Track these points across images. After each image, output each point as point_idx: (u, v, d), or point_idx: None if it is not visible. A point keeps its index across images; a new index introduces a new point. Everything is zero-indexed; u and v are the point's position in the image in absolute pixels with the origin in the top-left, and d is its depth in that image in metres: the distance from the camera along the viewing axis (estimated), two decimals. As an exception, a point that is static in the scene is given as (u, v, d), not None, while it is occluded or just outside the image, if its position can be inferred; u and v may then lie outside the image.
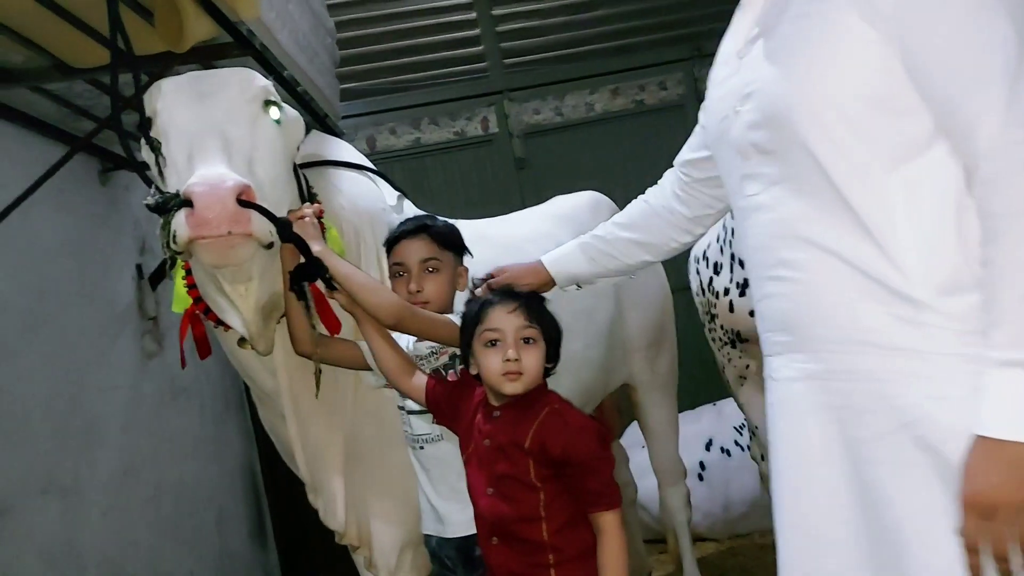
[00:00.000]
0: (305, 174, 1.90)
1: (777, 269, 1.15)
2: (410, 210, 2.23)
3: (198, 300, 1.76)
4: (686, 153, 1.52)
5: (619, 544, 1.44)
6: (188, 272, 1.78)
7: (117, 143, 3.15)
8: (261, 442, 4.23)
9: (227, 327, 1.73)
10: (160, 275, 3.31)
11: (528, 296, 1.54)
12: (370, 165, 2.24)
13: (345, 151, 2.24)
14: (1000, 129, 0.94)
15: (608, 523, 1.44)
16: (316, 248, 1.63)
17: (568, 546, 1.45)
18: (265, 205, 1.51)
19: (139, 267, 3.43)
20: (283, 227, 1.56)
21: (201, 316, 1.80)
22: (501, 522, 1.47)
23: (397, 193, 2.24)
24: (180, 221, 1.42)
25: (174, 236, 1.45)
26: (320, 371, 1.74)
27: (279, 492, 4.21)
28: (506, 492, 1.47)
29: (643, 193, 1.67)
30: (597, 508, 1.45)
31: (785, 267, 1.13)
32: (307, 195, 1.84)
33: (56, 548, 2.59)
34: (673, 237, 1.58)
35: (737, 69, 1.21)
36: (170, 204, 1.46)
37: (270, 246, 1.53)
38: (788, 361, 1.16)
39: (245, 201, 1.44)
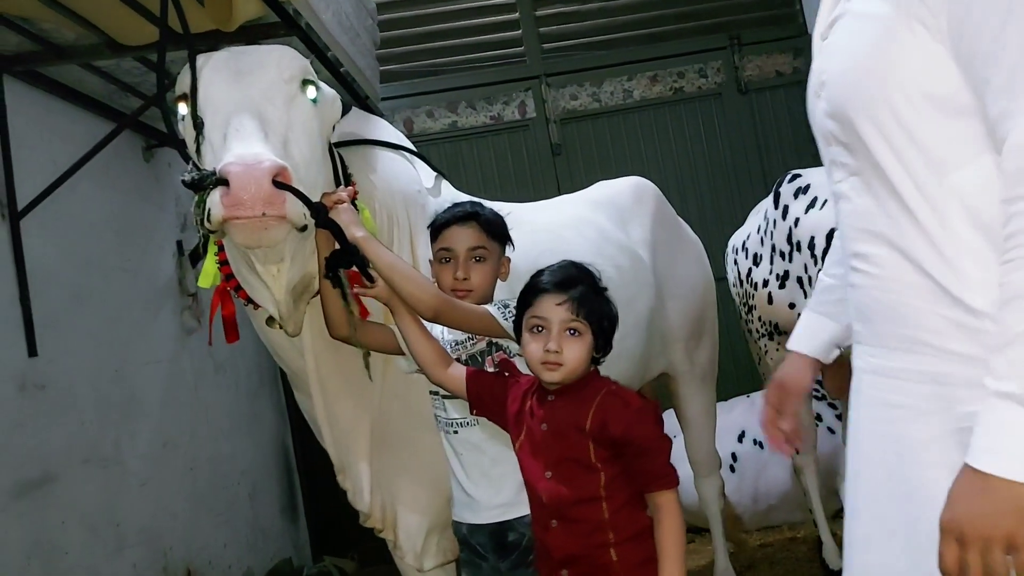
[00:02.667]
0: (341, 153, 1.90)
1: (855, 261, 1.14)
2: (448, 192, 2.21)
3: (229, 277, 1.76)
4: None
5: (678, 523, 1.44)
6: (221, 248, 1.77)
7: (162, 120, 3.19)
8: (294, 420, 4.29)
9: (257, 306, 1.73)
10: (200, 252, 3.35)
11: (581, 290, 1.50)
12: (409, 145, 2.23)
13: (383, 130, 2.22)
14: (1019, 143, 0.91)
15: (667, 502, 1.45)
16: (358, 234, 1.62)
17: (627, 526, 1.45)
18: (300, 187, 1.49)
19: (180, 244, 3.48)
20: (319, 212, 1.55)
21: (232, 294, 1.81)
22: (561, 505, 1.47)
23: (435, 174, 2.23)
24: (215, 200, 1.41)
25: (208, 214, 1.44)
26: (369, 353, 1.74)
27: (311, 469, 4.26)
28: (565, 475, 1.47)
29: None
30: (657, 488, 1.45)
31: (860, 260, 1.12)
32: (342, 176, 1.83)
33: (97, 517, 2.65)
34: None
35: (819, 51, 1.19)
36: (206, 182, 1.45)
37: (303, 229, 1.52)
38: (860, 351, 1.16)
39: (280, 183, 1.42)
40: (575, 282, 1.51)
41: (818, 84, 1.16)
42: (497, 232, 1.83)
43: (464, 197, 2.11)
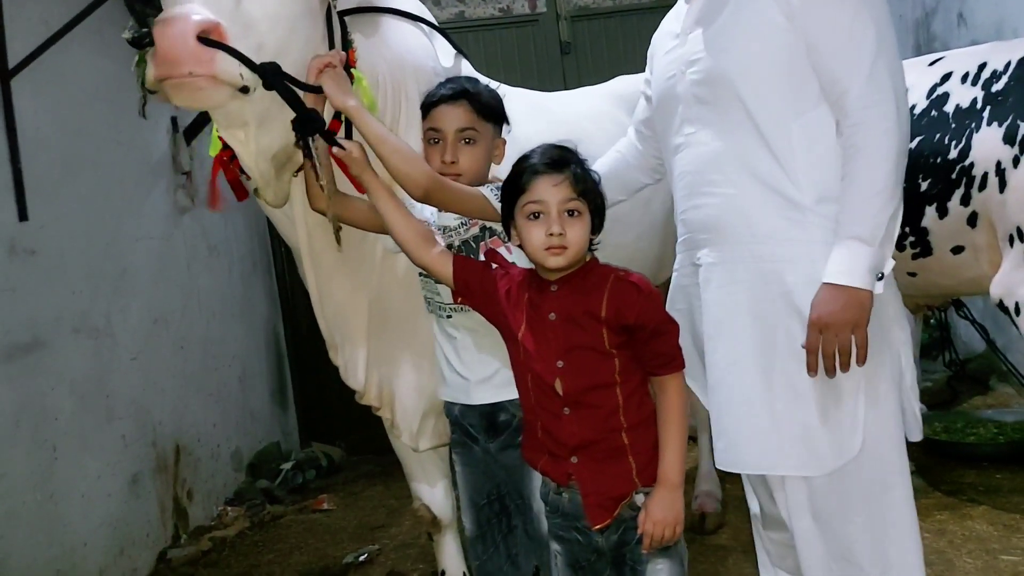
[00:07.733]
0: (347, 20, 1.79)
1: (706, 187, 1.60)
2: (468, 71, 2.12)
3: (227, 145, 1.65)
4: (640, 114, 1.92)
5: (683, 403, 1.45)
6: None
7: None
8: (286, 309, 4.29)
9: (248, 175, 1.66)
10: (195, 129, 3.26)
11: (574, 168, 1.45)
12: (429, 17, 2.12)
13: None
14: (862, 92, 1.46)
15: (674, 384, 1.46)
16: (349, 103, 1.54)
17: (637, 411, 1.45)
18: (253, 44, 1.41)
19: (174, 120, 3.39)
20: (265, 73, 1.43)
21: (228, 162, 1.74)
22: (576, 392, 1.45)
23: (454, 52, 2.12)
24: (150, 58, 1.36)
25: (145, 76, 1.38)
26: (340, 228, 1.68)
27: (301, 357, 4.28)
28: (580, 362, 1.45)
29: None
30: (665, 371, 1.45)
31: (713, 185, 1.59)
32: (342, 42, 1.70)
33: (87, 386, 2.65)
34: (639, 179, 1.96)
35: (682, 43, 1.64)
36: (144, 40, 1.39)
37: (245, 90, 1.41)
38: (710, 251, 1.61)
39: (208, 39, 1.33)
40: (567, 161, 1.46)
41: (686, 63, 1.61)
42: (490, 112, 1.73)
43: (483, 79, 2.01)
